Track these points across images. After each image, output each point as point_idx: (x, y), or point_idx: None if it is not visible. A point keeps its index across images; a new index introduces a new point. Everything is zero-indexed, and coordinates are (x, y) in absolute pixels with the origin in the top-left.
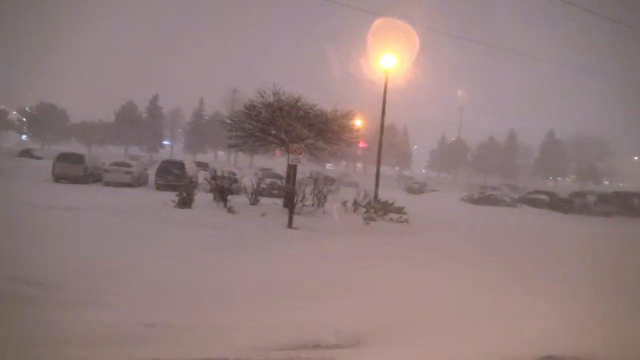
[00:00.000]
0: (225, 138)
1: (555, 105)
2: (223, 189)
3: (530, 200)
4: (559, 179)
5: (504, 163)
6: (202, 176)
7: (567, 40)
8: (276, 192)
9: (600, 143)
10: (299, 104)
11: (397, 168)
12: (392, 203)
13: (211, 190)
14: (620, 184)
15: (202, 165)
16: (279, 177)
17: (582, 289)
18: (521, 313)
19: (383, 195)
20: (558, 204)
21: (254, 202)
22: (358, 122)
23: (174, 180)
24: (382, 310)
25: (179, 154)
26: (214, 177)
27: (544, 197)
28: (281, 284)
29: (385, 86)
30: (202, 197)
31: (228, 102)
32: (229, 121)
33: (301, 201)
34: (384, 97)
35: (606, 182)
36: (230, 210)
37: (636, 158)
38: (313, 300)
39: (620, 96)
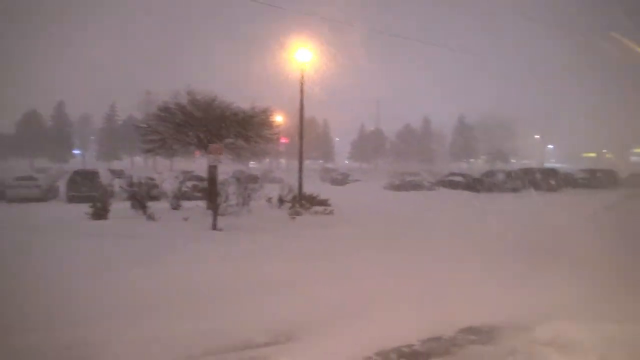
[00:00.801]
0: (141, 143)
1: (464, 91)
2: (141, 195)
3: (447, 183)
4: (471, 160)
5: (420, 149)
6: (117, 184)
7: (474, 28)
8: (199, 194)
9: (505, 124)
10: (215, 103)
11: (320, 161)
12: (317, 196)
13: (129, 198)
14: (525, 161)
15: (118, 173)
16: (201, 179)
17: (501, 258)
18: (439, 287)
19: (308, 189)
20: (472, 184)
21: (176, 206)
22: (278, 118)
23: (88, 190)
24: (310, 304)
25: (91, 163)
26: (131, 184)
27: (459, 178)
28: (206, 287)
29: (302, 80)
30: (120, 207)
31: (142, 105)
32: (143, 125)
33: (225, 202)
34: (301, 91)
35: (513, 161)
36: (150, 217)
37: (537, 137)
38: (240, 301)
39: (521, 79)
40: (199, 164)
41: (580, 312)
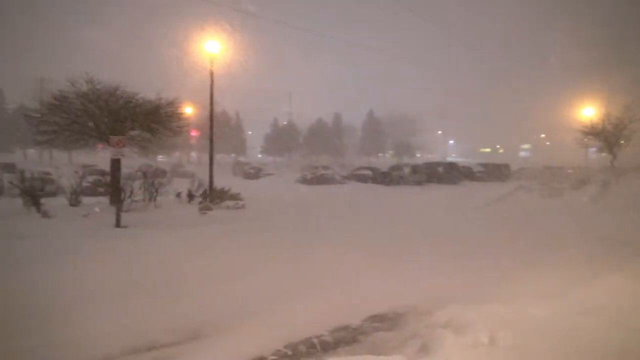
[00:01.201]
0: (34, 134)
1: (375, 87)
2: (34, 191)
3: (357, 176)
4: (380, 155)
5: (332, 143)
6: (7, 180)
7: (385, 28)
8: (102, 190)
9: (411, 120)
10: (118, 92)
11: (233, 155)
12: (229, 190)
13: (20, 195)
14: (429, 156)
15: (8, 167)
16: (104, 174)
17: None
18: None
19: (220, 183)
20: (380, 177)
21: (75, 203)
22: (187, 110)
23: None
24: (216, 301)
25: None
26: (23, 180)
27: (368, 172)
28: (106, 289)
29: (212, 72)
30: (9, 203)
31: (36, 93)
32: (35, 115)
33: (130, 197)
34: (211, 83)
35: (418, 155)
36: (45, 215)
37: (439, 132)
38: (144, 301)
39: (427, 79)
40: (101, 157)
41: (470, 296)
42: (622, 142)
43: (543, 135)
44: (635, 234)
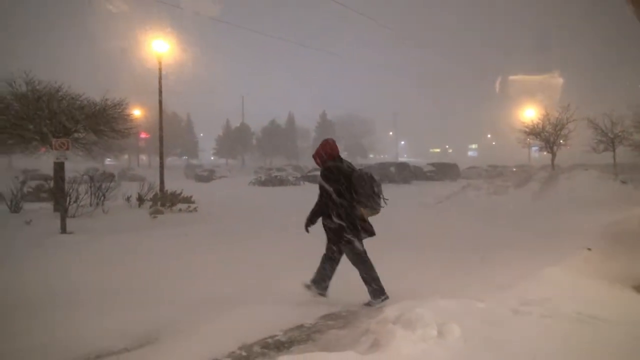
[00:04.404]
0: None
1: (327, 89)
2: None
3: (311, 178)
4: None
5: (286, 145)
6: None
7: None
8: (45, 195)
9: (363, 121)
10: (60, 93)
11: (184, 157)
12: (180, 193)
13: None
14: (382, 156)
15: None
16: (48, 178)
17: None
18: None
19: (171, 186)
20: None
21: (16, 209)
22: (135, 112)
23: None
24: (169, 305)
25: None
26: None
27: None
28: (48, 296)
29: (160, 72)
30: None
31: None
32: None
33: (75, 202)
34: (160, 83)
35: (371, 155)
36: None
37: (391, 133)
38: (91, 311)
39: (378, 81)
40: (44, 161)
41: (418, 290)
42: (561, 141)
43: (489, 136)
44: (573, 228)
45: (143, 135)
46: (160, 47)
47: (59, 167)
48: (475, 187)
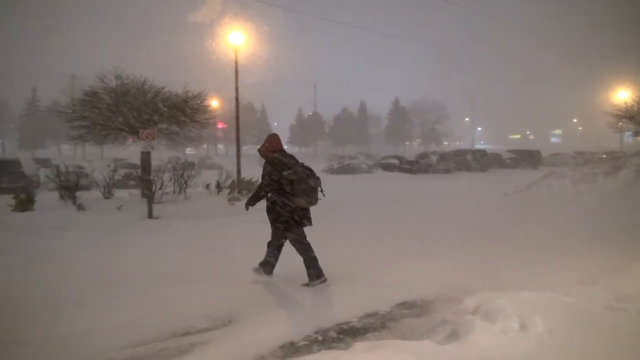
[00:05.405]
0: (67, 130)
1: (400, 75)
2: (69, 185)
3: (384, 165)
4: (407, 143)
5: (358, 133)
6: (43, 174)
7: (409, 16)
8: (133, 182)
9: (437, 107)
10: (145, 87)
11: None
12: (256, 181)
13: (56, 189)
14: (457, 143)
15: (43, 162)
16: (135, 167)
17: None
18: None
19: (247, 174)
20: (407, 165)
21: (108, 195)
22: (213, 103)
23: (8, 181)
24: (249, 287)
25: (13, 152)
26: (58, 174)
27: (395, 161)
28: (139, 277)
29: (236, 64)
30: (47, 197)
31: (67, 89)
32: (68, 111)
33: (160, 189)
34: (236, 74)
35: (445, 143)
36: (81, 207)
37: (467, 119)
38: (178, 288)
39: (452, 64)
40: (132, 151)
41: (498, 282)
42: None
43: (575, 120)
44: None
45: (220, 126)
46: (235, 39)
47: (146, 156)
48: (560, 175)
